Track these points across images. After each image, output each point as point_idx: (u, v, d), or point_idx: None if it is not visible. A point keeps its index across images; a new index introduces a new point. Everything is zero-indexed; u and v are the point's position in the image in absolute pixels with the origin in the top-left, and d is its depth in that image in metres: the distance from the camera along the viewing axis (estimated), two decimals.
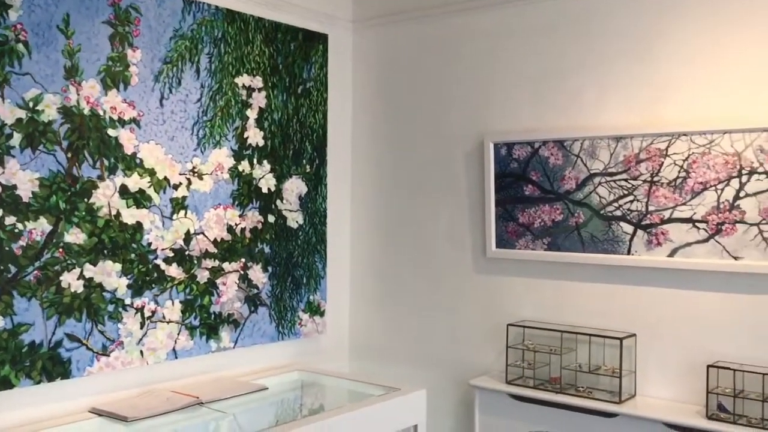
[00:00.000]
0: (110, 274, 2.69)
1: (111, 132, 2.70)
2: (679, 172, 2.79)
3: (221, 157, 3.07)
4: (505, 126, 3.25)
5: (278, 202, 3.31)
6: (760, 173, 2.62)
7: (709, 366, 2.62)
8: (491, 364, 3.26)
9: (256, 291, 3.21)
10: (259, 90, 3.22)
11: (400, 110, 3.61)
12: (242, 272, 3.15)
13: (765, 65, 2.62)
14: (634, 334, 2.88)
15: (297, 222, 3.40)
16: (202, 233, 3.00)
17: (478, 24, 3.33)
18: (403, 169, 3.60)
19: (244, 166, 3.16)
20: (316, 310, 3.48)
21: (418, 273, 3.55)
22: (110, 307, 2.69)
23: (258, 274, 3.22)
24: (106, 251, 2.68)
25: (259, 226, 3.23)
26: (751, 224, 2.64)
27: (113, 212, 2.70)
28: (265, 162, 3.25)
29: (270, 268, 3.27)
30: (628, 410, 2.72)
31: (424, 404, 2.98)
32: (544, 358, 3.02)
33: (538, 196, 3.15)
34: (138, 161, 2.78)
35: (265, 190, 3.25)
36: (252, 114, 3.19)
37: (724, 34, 2.70)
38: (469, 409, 3.20)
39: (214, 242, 3.05)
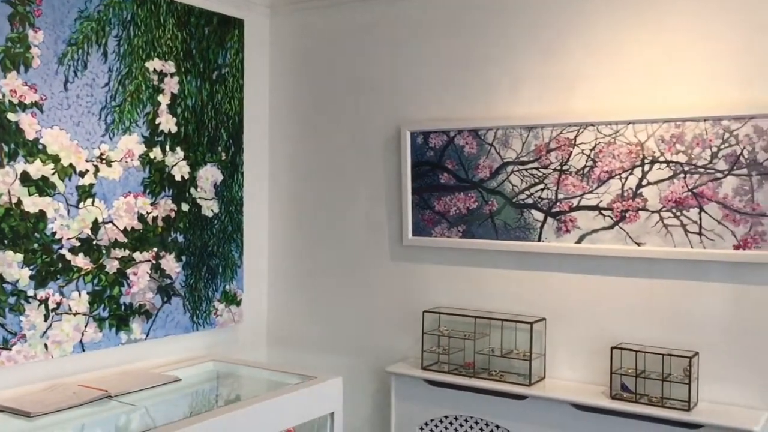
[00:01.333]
0: (11, 265, 2.58)
1: (11, 116, 2.58)
2: (586, 161, 2.88)
3: (131, 143, 2.98)
4: (422, 115, 3.28)
5: (192, 190, 3.24)
6: (660, 162, 2.73)
7: (612, 348, 2.72)
8: (408, 350, 3.30)
9: (169, 281, 3.14)
10: (172, 75, 3.14)
11: (318, 98, 3.59)
12: (154, 262, 3.08)
13: (665, 59, 2.72)
14: (544, 319, 2.97)
15: (212, 210, 3.34)
16: (111, 222, 2.91)
17: (397, 12, 3.34)
18: (321, 157, 3.59)
19: (155, 153, 3.08)
20: (232, 300, 3.43)
21: (335, 261, 3.55)
22: (11, 299, 2.58)
23: (171, 264, 3.15)
24: (6, 241, 2.56)
25: (172, 214, 3.15)
26: (653, 211, 2.75)
27: (14, 200, 2.59)
28: (178, 149, 3.17)
29: (184, 258, 3.20)
30: (537, 392, 2.80)
31: (341, 392, 2.99)
32: (458, 344, 3.07)
33: (453, 185, 3.19)
34: (41, 147, 2.66)
35: (178, 178, 3.18)
36: (164, 100, 3.11)
37: (628, 29, 2.80)
38: (385, 396, 3.23)
39: (124, 231, 2.96)
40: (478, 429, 2.94)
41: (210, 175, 3.32)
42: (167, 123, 3.12)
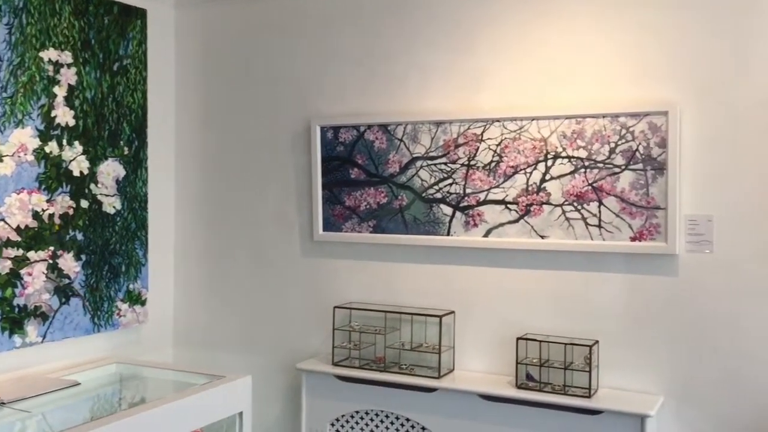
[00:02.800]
0: None
1: None
2: (493, 156, 2.94)
3: (24, 137, 2.84)
4: (332, 109, 3.26)
5: (92, 186, 3.11)
6: (563, 158, 2.81)
7: (518, 339, 2.79)
8: (319, 346, 3.28)
9: (67, 281, 3.00)
10: (69, 66, 3.00)
11: (226, 92, 3.52)
12: (51, 261, 2.94)
13: (567, 58, 2.81)
14: (453, 312, 3.01)
15: (114, 207, 3.21)
16: (3, 220, 2.76)
17: (306, 5, 3.31)
18: (230, 152, 3.52)
19: (51, 147, 2.93)
20: (136, 299, 3.32)
21: (245, 257, 3.49)
22: None
23: (69, 263, 3.01)
24: None
25: (71, 211, 3.02)
26: (556, 205, 2.83)
27: None
28: (76, 143, 3.03)
29: (84, 257, 3.07)
30: (446, 384, 2.84)
31: (250, 391, 2.94)
32: (369, 339, 3.07)
33: (363, 180, 3.19)
34: None
35: (77, 174, 3.04)
36: (60, 91, 2.97)
37: (532, 27, 2.87)
38: (297, 393, 3.20)
39: (17, 230, 2.81)
40: (388, 422, 2.95)
41: (111, 170, 3.20)
42: (64, 116, 2.98)
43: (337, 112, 3.25)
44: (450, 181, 3.02)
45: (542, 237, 2.85)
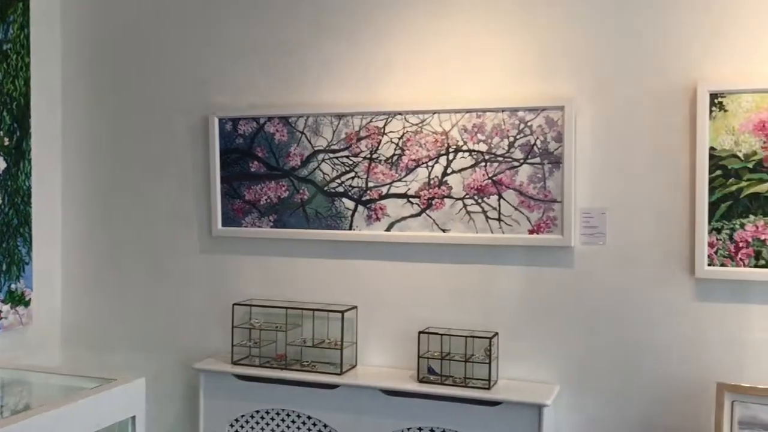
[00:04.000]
0: None
1: None
2: (395, 149, 2.92)
3: None
4: (231, 101, 3.16)
5: None
6: (464, 151, 2.83)
7: (420, 332, 2.78)
8: (219, 345, 3.17)
9: None
10: None
11: (119, 81, 3.34)
12: None
13: (467, 51, 2.82)
14: (356, 307, 2.98)
15: None
16: None
17: None
18: (122, 144, 3.35)
19: None
20: (19, 300, 3.11)
21: (139, 254, 3.33)
22: None
23: None
24: None
25: None
26: (457, 198, 2.84)
27: None
28: None
29: None
30: (348, 380, 2.80)
31: (143, 394, 2.80)
32: (270, 336, 3.00)
33: (264, 173, 3.11)
34: None
35: None
36: None
37: (433, 20, 2.86)
38: (194, 394, 3.08)
39: None
40: (289, 421, 2.89)
41: None
42: None
43: (236, 103, 3.14)
44: (352, 174, 2.98)
45: (444, 230, 2.86)
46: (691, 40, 2.54)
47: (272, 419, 2.92)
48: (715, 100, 2.50)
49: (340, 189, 3.00)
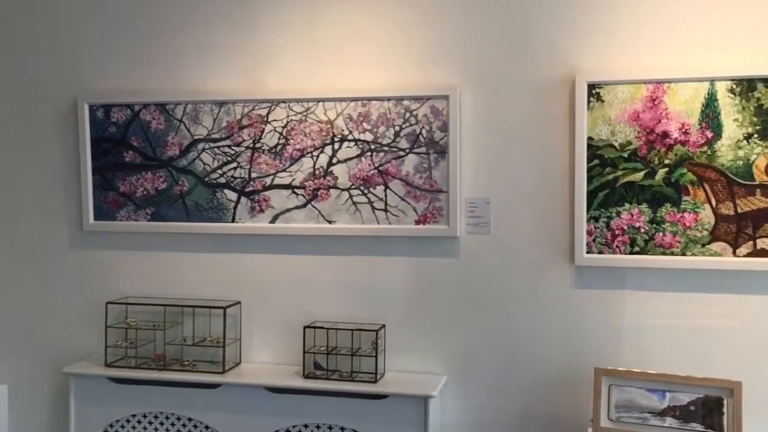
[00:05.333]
0: None
1: None
2: (279, 138, 2.82)
3: None
4: (103, 85, 2.96)
5: None
6: (349, 141, 2.77)
7: (305, 327, 2.70)
8: (91, 347, 2.97)
9: None
10: None
11: None
12: None
13: (352, 39, 2.75)
14: (239, 302, 2.86)
15: None
16: None
17: None
18: None
19: None
20: None
21: (1, 253, 3.07)
22: None
23: None
24: None
25: None
26: (343, 189, 2.78)
27: None
28: None
29: None
30: (231, 379, 2.69)
31: (5, 402, 2.59)
32: (148, 335, 2.84)
33: (140, 163, 2.94)
34: None
35: None
36: None
37: (317, 7, 2.78)
38: (65, 400, 2.87)
39: None
40: (168, 424, 2.75)
41: None
42: None
43: (109, 88, 2.95)
44: (234, 164, 2.86)
45: (330, 222, 2.79)
46: (571, 32, 2.59)
47: (150, 423, 2.76)
48: (593, 91, 2.55)
49: (222, 180, 2.87)
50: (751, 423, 2.39)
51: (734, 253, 2.46)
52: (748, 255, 2.44)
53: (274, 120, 2.82)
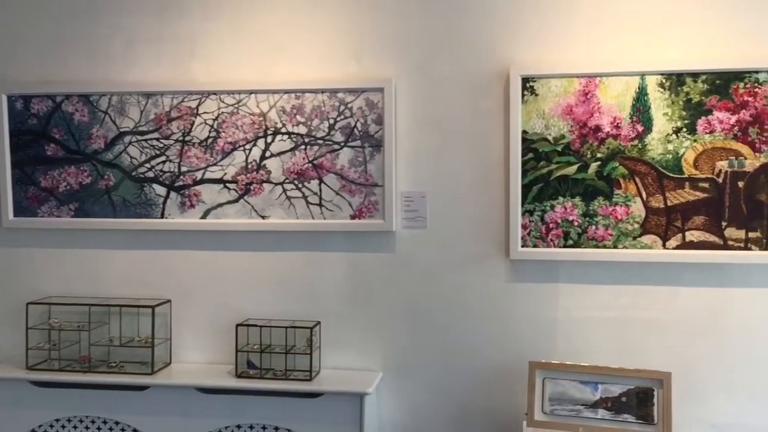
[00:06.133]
0: None
1: None
2: (210, 131, 2.74)
3: None
4: (22, 76, 2.82)
5: None
6: (283, 134, 2.70)
7: (237, 325, 2.63)
8: (12, 349, 2.83)
9: None
10: None
11: None
12: None
13: (285, 30, 2.69)
14: (169, 301, 2.77)
15: None
16: None
17: None
18: None
19: None
20: None
21: None
22: None
23: None
24: None
25: None
26: (276, 183, 2.71)
27: None
28: None
29: None
30: (160, 380, 2.60)
31: None
32: (72, 337, 2.73)
33: (62, 157, 2.81)
34: None
35: None
36: None
37: None
38: None
39: None
40: (95, 428, 2.64)
41: None
42: None
43: (29, 78, 2.82)
44: (163, 158, 2.76)
45: (263, 217, 2.72)
46: (506, 25, 2.58)
47: (75, 427, 2.65)
48: (527, 85, 2.55)
49: (150, 174, 2.77)
50: (680, 412, 2.44)
51: (664, 246, 2.49)
52: (678, 247, 2.48)
53: (205, 112, 2.73)
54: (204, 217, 2.75)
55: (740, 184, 2.44)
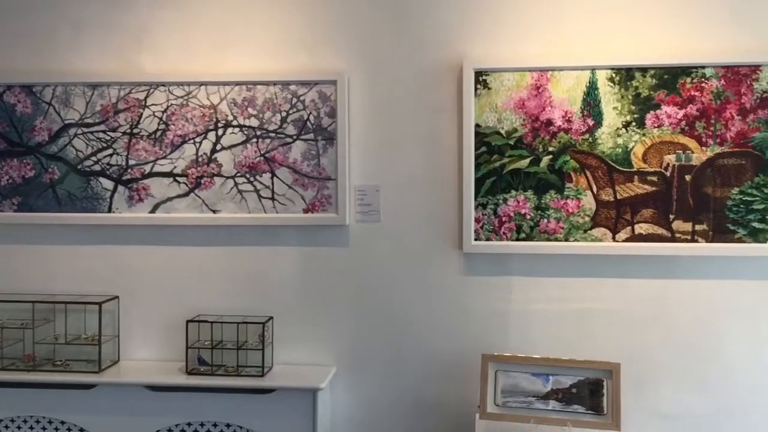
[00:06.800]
0: None
1: None
2: (158, 124, 2.68)
3: None
4: None
5: None
6: (234, 126, 2.66)
7: (188, 321, 2.58)
8: None
9: None
10: None
11: None
12: None
13: (236, 21, 2.64)
14: (117, 297, 2.71)
15: None
16: None
17: None
18: None
19: None
20: None
21: None
22: None
23: None
24: None
25: None
26: (228, 177, 2.67)
27: None
28: None
29: None
30: (108, 378, 2.54)
31: None
32: (16, 335, 2.64)
33: (4, 150, 2.72)
34: None
35: None
36: None
37: None
38: None
39: None
40: (39, 428, 2.56)
41: None
42: None
43: None
44: (110, 151, 2.69)
45: (214, 211, 2.67)
46: (459, 19, 2.57)
47: (19, 428, 2.57)
48: (480, 78, 2.55)
49: (97, 167, 2.70)
50: (630, 402, 2.48)
51: (614, 239, 2.52)
52: (627, 240, 2.52)
53: (153, 104, 2.67)
54: (153, 211, 2.69)
55: (687, 177, 2.48)
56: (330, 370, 2.60)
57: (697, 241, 2.49)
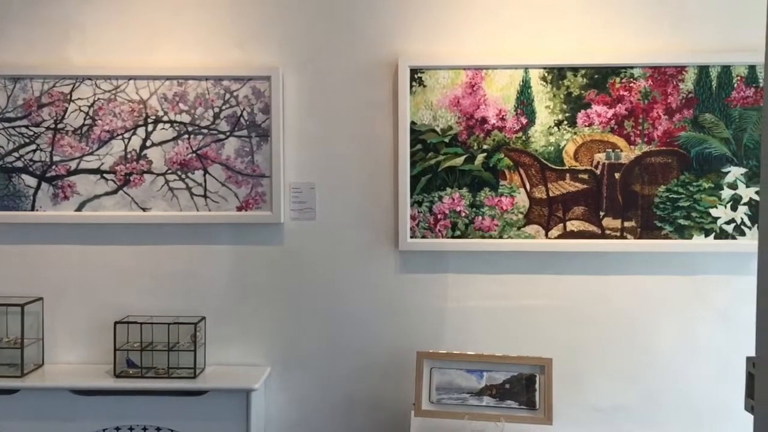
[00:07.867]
0: None
1: None
2: (85, 119, 2.59)
3: None
4: None
5: None
6: (165, 122, 2.59)
7: (116, 322, 2.50)
8: None
9: None
10: None
11: None
12: None
13: (168, 14, 2.57)
14: (41, 298, 2.61)
15: None
16: None
17: None
18: None
19: None
20: None
21: None
22: None
23: None
24: None
25: None
26: (158, 174, 2.60)
27: None
28: None
29: None
30: (31, 383, 2.44)
31: None
32: None
33: None
34: None
35: None
36: None
37: None
38: None
39: None
40: None
41: None
42: None
43: None
44: (33, 147, 2.59)
45: (144, 209, 2.60)
46: (394, 16, 2.56)
47: None
48: (415, 76, 2.55)
49: (19, 164, 2.59)
50: (562, 396, 2.52)
51: (546, 236, 2.56)
52: (559, 237, 2.56)
53: (79, 98, 2.58)
54: (79, 209, 2.60)
55: (617, 175, 2.54)
56: (264, 370, 2.56)
57: (626, 238, 2.54)
